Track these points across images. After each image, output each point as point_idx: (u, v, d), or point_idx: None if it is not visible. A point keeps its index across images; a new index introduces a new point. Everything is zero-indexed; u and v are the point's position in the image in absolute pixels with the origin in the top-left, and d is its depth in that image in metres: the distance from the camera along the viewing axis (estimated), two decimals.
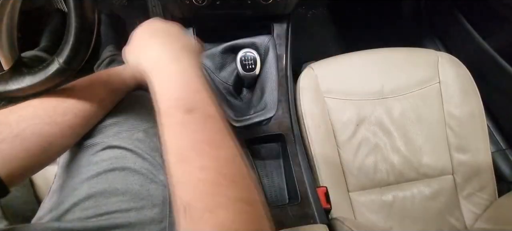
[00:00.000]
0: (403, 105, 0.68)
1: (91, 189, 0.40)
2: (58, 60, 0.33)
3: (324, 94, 0.68)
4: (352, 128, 0.66)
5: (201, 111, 0.28)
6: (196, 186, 0.24)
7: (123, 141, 0.44)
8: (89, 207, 0.39)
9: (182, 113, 0.28)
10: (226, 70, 0.59)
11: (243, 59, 0.53)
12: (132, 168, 0.43)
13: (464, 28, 0.86)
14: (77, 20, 0.31)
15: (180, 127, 0.27)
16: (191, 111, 0.28)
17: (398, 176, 0.66)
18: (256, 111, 0.50)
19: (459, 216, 0.66)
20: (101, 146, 0.42)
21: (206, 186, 0.24)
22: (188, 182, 0.25)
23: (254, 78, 0.55)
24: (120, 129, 0.45)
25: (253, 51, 0.54)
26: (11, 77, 0.34)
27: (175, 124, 0.28)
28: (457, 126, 0.67)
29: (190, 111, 0.28)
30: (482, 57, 0.81)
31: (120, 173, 0.42)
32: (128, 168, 0.43)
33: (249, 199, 0.25)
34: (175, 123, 0.28)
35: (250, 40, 0.56)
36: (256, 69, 0.54)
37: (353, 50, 0.74)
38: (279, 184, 0.60)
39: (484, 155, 0.66)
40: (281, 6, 0.63)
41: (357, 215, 0.64)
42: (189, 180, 0.25)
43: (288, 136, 0.61)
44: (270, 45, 0.55)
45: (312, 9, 1.32)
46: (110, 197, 0.40)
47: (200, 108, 0.28)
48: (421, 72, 0.70)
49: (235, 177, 0.26)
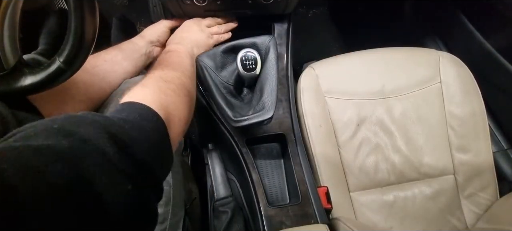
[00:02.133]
0: (404, 105, 0.68)
1: None
2: (59, 60, 0.33)
3: (324, 94, 0.68)
4: (352, 128, 0.66)
5: (175, 52, 0.52)
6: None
7: None
8: None
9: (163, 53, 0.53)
10: (227, 69, 0.59)
11: (244, 59, 0.53)
12: None
13: (465, 28, 0.86)
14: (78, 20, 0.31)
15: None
16: (168, 52, 0.53)
17: (399, 176, 0.66)
18: (255, 112, 0.50)
19: (460, 216, 0.66)
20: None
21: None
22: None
23: (254, 78, 0.55)
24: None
25: (253, 51, 0.54)
26: (12, 77, 0.34)
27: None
28: (458, 126, 0.67)
29: (167, 52, 0.53)
30: (483, 57, 0.80)
31: None
32: None
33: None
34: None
35: (251, 40, 0.56)
36: (256, 69, 0.54)
37: (354, 50, 0.74)
38: (280, 184, 0.60)
39: (485, 155, 0.66)
40: (281, 6, 0.63)
41: (358, 215, 0.64)
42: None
43: (288, 135, 0.61)
44: (270, 45, 0.55)
45: (313, 9, 1.32)
46: None
47: (174, 52, 0.52)
48: (422, 72, 0.70)
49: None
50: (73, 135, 0.22)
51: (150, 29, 0.61)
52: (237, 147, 0.59)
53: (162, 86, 0.39)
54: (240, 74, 0.54)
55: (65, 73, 0.34)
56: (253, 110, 0.51)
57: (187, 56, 0.52)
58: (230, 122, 0.52)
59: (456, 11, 0.88)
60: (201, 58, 0.57)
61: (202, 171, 0.76)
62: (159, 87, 0.38)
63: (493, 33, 0.79)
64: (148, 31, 0.61)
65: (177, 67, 0.47)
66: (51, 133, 0.21)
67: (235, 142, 0.59)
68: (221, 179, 0.69)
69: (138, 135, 0.27)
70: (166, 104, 0.35)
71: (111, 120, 0.27)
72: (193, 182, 0.74)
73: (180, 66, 0.48)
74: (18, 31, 0.35)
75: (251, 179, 0.57)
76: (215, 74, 0.56)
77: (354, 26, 1.28)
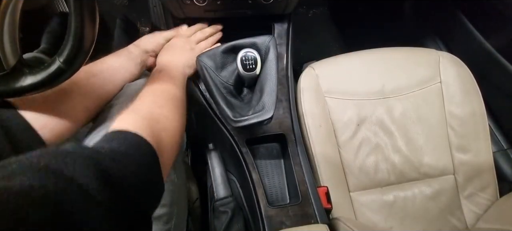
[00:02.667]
0: (404, 105, 0.68)
1: None
2: (59, 60, 0.33)
3: (324, 94, 0.68)
4: (353, 128, 0.66)
5: (165, 73, 0.51)
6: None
7: None
8: None
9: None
10: (227, 69, 0.59)
11: (244, 59, 0.53)
12: None
13: (465, 28, 0.86)
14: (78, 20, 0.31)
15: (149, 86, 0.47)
16: (160, 72, 0.51)
17: (399, 176, 0.66)
18: (255, 112, 0.50)
19: (460, 216, 0.66)
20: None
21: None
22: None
23: (254, 78, 0.55)
24: None
25: (253, 51, 0.54)
26: (12, 77, 0.34)
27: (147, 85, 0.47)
28: (458, 126, 0.67)
29: (159, 72, 0.51)
30: (483, 57, 0.80)
31: None
32: None
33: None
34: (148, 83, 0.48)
35: (251, 40, 0.56)
36: (256, 69, 0.54)
37: (354, 50, 0.74)
38: (280, 184, 0.60)
39: (485, 155, 0.66)
40: (282, 6, 0.63)
41: (358, 215, 0.64)
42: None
43: (288, 135, 0.61)
44: (270, 45, 0.55)
45: (313, 9, 1.32)
46: None
47: (165, 72, 0.51)
48: (422, 72, 0.70)
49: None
50: (58, 174, 0.21)
51: (146, 39, 0.60)
52: (237, 147, 0.59)
53: (155, 112, 0.39)
54: (240, 74, 0.54)
55: (65, 73, 0.34)
56: (253, 110, 0.51)
57: (179, 77, 0.52)
58: (230, 122, 0.52)
59: (456, 11, 0.88)
60: (201, 58, 0.57)
61: (202, 171, 0.76)
62: (152, 113, 0.38)
63: (493, 33, 0.79)
64: (144, 40, 0.60)
65: (169, 89, 0.47)
66: (35, 171, 0.21)
67: (235, 142, 0.59)
68: (221, 179, 0.69)
69: (126, 168, 0.27)
70: (158, 132, 0.35)
71: (100, 153, 0.26)
72: (193, 182, 0.75)
73: (172, 88, 0.47)
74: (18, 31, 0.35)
75: (251, 179, 0.57)
76: (215, 74, 0.56)
77: (354, 26, 1.28)
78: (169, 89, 0.47)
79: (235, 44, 0.57)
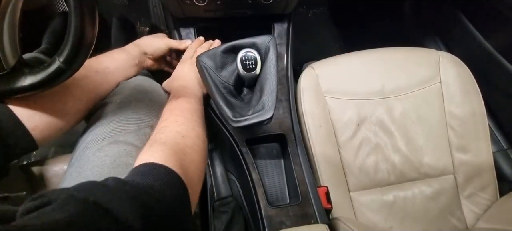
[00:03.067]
0: (404, 105, 0.68)
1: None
2: (59, 60, 0.33)
3: (324, 94, 0.68)
4: (353, 128, 0.66)
5: (184, 98, 0.50)
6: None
7: (130, 135, 0.44)
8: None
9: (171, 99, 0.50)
10: (227, 69, 0.59)
11: (244, 59, 0.53)
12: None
13: (465, 28, 0.86)
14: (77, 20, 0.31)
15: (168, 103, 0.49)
16: (178, 98, 0.49)
17: (399, 176, 0.66)
18: (255, 111, 0.50)
19: (460, 216, 0.66)
20: (108, 141, 0.43)
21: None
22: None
23: (254, 78, 0.55)
24: (128, 123, 0.46)
25: (253, 51, 0.54)
26: (12, 77, 0.34)
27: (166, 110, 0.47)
28: (458, 126, 0.67)
29: (177, 98, 0.49)
30: (483, 57, 0.80)
31: (123, 170, 0.42)
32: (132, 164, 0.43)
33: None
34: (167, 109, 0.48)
35: (251, 40, 0.56)
36: (256, 69, 0.54)
37: (354, 50, 0.74)
38: (280, 184, 0.60)
39: (485, 155, 0.66)
40: (281, 6, 0.63)
41: (358, 215, 0.64)
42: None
43: (288, 135, 0.61)
44: (270, 45, 0.55)
45: (313, 9, 1.32)
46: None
47: (183, 97, 0.50)
48: (422, 72, 0.70)
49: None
50: (105, 210, 0.23)
51: (147, 40, 0.60)
52: (237, 147, 0.59)
53: (180, 143, 0.39)
54: (240, 74, 0.54)
55: (65, 73, 0.34)
56: (253, 110, 0.51)
57: (197, 102, 0.51)
58: (230, 122, 0.52)
59: (456, 11, 0.88)
60: (201, 58, 0.57)
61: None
62: (178, 144, 0.39)
63: (493, 33, 0.79)
64: (145, 41, 0.59)
65: (190, 116, 0.46)
66: (83, 204, 0.22)
67: (235, 141, 0.59)
68: (221, 179, 0.69)
69: (164, 205, 0.28)
70: (186, 165, 0.36)
71: (139, 189, 0.28)
72: None
73: (193, 115, 0.47)
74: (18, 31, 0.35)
75: (251, 179, 0.57)
76: (215, 74, 0.56)
77: (354, 26, 1.28)
78: (191, 116, 0.46)
79: (235, 44, 0.57)
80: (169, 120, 0.44)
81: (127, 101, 0.49)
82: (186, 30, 0.67)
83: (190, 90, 0.53)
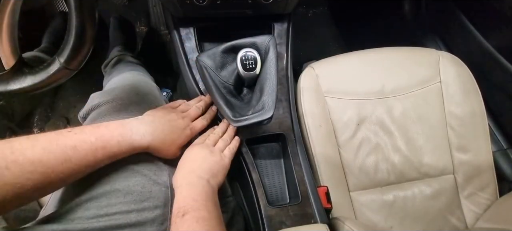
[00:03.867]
0: (404, 105, 0.68)
1: (92, 189, 0.41)
2: (59, 60, 0.33)
3: (324, 94, 0.68)
4: (352, 128, 0.66)
5: (192, 215, 0.39)
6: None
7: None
8: (91, 207, 0.39)
9: (177, 218, 0.39)
10: (226, 69, 0.59)
11: (244, 59, 0.53)
12: (134, 168, 0.43)
13: (465, 27, 0.86)
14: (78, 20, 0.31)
15: (173, 228, 0.39)
16: (183, 215, 0.38)
17: (399, 176, 0.66)
18: (255, 111, 0.50)
19: (460, 216, 0.66)
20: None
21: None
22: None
23: (254, 78, 0.55)
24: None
25: (253, 51, 0.54)
26: (12, 77, 0.34)
27: (172, 225, 0.39)
28: (458, 126, 0.67)
29: (182, 216, 0.38)
30: (483, 56, 0.80)
31: (122, 173, 0.42)
32: (130, 168, 0.43)
33: None
34: (173, 224, 0.39)
35: (251, 40, 0.56)
36: (256, 69, 0.54)
37: (354, 50, 0.74)
38: (280, 184, 0.60)
39: (485, 155, 0.66)
40: (281, 6, 0.63)
41: (357, 215, 0.64)
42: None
43: (288, 135, 0.61)
44: (270, 45, 0.55)
45: (313, 9, 1.32)
46: (111, 198, 0.40)
47: (191, 212, 0.39)
48: (422, 72, 0.70)
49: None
50: None
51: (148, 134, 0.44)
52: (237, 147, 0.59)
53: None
54: (240, 74, 0.54)
55: (65, 73, 0.34)
56: (253, 110, 0.51)
57: (212, 210, 0.41)
58: (230, 122, 0.52)
59: (456, 11, 0.88)
60: (201, 58, 0.57)
61: None
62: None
63: (493, 32, 0.79)
64: (140, 133, 0.43)
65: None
66: None
67: None
68: None
69: None
70: None
71: None
72: None
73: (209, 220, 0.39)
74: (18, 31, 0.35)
75: (251, 179, 0.57)
76: (215, 74, 0.56)
77: (354, 26, 1.28)
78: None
79: (235, 44, 0.57)
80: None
81: (124, 104, 0.48)
82: (186, 30, 0.66)
83: (199, 185, 0.44)
